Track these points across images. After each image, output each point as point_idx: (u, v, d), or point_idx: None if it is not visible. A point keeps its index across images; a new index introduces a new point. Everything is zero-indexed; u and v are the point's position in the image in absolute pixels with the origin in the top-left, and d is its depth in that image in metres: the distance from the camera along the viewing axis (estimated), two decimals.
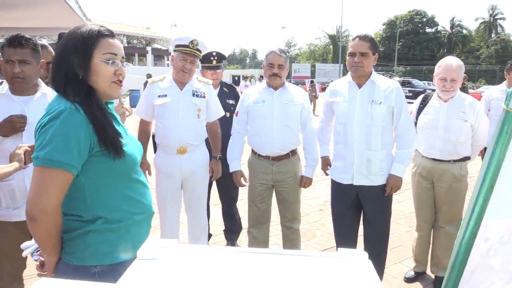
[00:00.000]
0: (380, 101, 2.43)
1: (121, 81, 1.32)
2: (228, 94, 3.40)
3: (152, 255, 0.72)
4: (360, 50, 2.40)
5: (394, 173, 2.48)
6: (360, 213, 2.70)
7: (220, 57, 3.32)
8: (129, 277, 0.65)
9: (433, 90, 2.86)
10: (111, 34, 1.32)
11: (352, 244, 2.64)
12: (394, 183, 2.48)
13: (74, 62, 1.25)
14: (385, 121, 2.46)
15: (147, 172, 2.83)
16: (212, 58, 3.27)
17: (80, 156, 1.18)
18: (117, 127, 1.32)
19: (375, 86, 2.46)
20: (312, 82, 18.31)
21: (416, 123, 2.89)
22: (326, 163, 2.77)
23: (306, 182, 2.79)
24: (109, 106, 1.38)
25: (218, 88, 3.35)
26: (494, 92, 4.30)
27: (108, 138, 1.24)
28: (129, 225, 1.30)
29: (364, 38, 2.43)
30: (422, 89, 24.36)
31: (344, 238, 2.69)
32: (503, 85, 4.39)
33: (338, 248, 0.78)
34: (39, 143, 1.17)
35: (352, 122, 2.48)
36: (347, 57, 2.50)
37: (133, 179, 1.34)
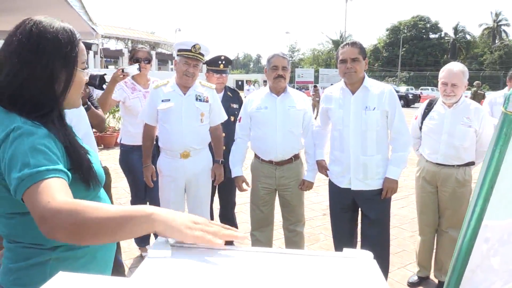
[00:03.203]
0: (374, 107, 2.45)
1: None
2: (232, 99, 3.42)
3: (162, 253, 0.73)
4: (351, 56, 2.44)
5: (389, 176, 2.49)
6: (357, 216, 2.72)
7: (228, 61, 3.34)
8: (140, 274, 0.66)
9: (415, 95, 2.87)
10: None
11: (350, 246, 2.65)
12: (389, 186, 2.49)
13: (57, 74, 1.03)
14: (379, 126, 2.48)
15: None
16: (220, 62, 3.29)
17: (62, 162, 0.97)
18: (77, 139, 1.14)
19: (368, 92, 2.48)
20: (315, 87, 18.28)
21: (421, 128, 2.91)
22: (321, 166, 2.80)
23: (307, 186, 2.81)
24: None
25: (223, 92, 3.37)
26: (497, 98, 4.26)
27: (84, 167, 1.05)
28: (95, 250, 1.09)
29: (353, 44, 2.48)
30: (404, 94, 24.92)
31: (341, 239, 2.71)
32: (506, 90, 4.36)
33: (344, 248, 0.79)
34: (10, 167, 0.92)
35: (347, 128, 2.51)
36: (339, 65, 2.52)
37: (98, 197, 1.16)
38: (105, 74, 2.36)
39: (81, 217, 0.83)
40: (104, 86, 2.47)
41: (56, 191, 0.88)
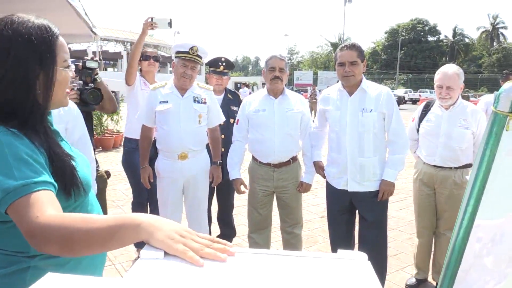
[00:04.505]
0: (371, 108, 2.45)
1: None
2: (233, 101, 3.42)
3: (155, 254, 0.73)
4: (349, 60, 2.43)
5: (386, 178, 2.49)
6: (355, 218, 2.72)
7: (229, 64, 3.35)
8: (132, 274, 0.66)
9: (400, 97, 2.86)
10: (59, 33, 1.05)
11: (347, 248, 2.65)
12: (385, 188, 2.49)
13: (34, 76, 0.98)
14: (376, 128, 2.48)
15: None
16: (220, 63, 3.30)
17: (47, 172, 0.94)
18: (61, 144, 1.09)
19: (366, 93, 2.49)
20: (313, 87, 18.26)
21: (418, 130, 2.91)
22: (319, 167, 2.80)
23: (305, 188, 2.81)
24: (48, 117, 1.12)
25: (223, 94, 3.38)
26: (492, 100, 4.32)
27: (67, 176, 1.00)
28: (80, 257, 1.02)
29: (352, 47, 2.47)
30: None
31: (339, 241, 2.71)
32: None
33: (338, 250, 0.79)
34: None
35: (344, 130, 2.51)
36: (337, 67, 2.52)
37: (86, 203, 1.11)
38: (98, 89, 2.43)
39: (70, 231, 0.83)
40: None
41: (44, 205, 0.86)
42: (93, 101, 2.39)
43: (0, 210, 0.88)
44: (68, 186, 1.01)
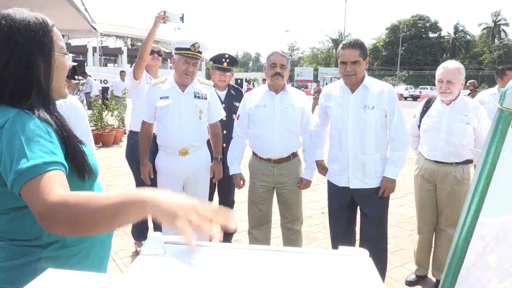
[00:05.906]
0: (373, 106, 2.44)
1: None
2: (236, 97, 3.42)
3: (156, 251, 0.73)
4: (350, 59, 2.40)
5: (387, 175, 2.49)
6: (356, 214, 2.72)
7: (232, 60, 3.34)
8: (133, 270, 0.65)
9: None
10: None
11: (348, 244, 2.65)
12: (387, 185, 2.49)
13: (35, 61, 1.02)
14: (378, 125, 2.47)
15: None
16: (223, 60, 3.29)
17: (60, 153, 0.96)
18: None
19: (368, 90, 2.47)
20: (318, 84, 18.37)
21: (419, 126, 2.91)
22: (321, 167, 2.79)
23: (305, 184, 2.80)
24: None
25: (226, 90, 3.37)
26: (486, 97, 4.35)
27: (78, 158, 1.03)
28: (89, 247, 1.07)
29: (354, 45, 2.41)
30: None
31: (340, 238, 2.71)
32: (495, 89, 4.40)
33: (339, 246, 0.78)
34: (5, 159, 0.91)
35: (346, 127, 2.50)
36: (339, 65, 2.50)
37: (93, 189, 1.14)
38: (76, 64, 2.41)
39: (76, 210, 0.83)
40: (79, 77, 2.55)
41: (54, 185, 0.87)
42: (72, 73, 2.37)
43: (14, 192, 0.90)
44: (81, 167, 1.04)
